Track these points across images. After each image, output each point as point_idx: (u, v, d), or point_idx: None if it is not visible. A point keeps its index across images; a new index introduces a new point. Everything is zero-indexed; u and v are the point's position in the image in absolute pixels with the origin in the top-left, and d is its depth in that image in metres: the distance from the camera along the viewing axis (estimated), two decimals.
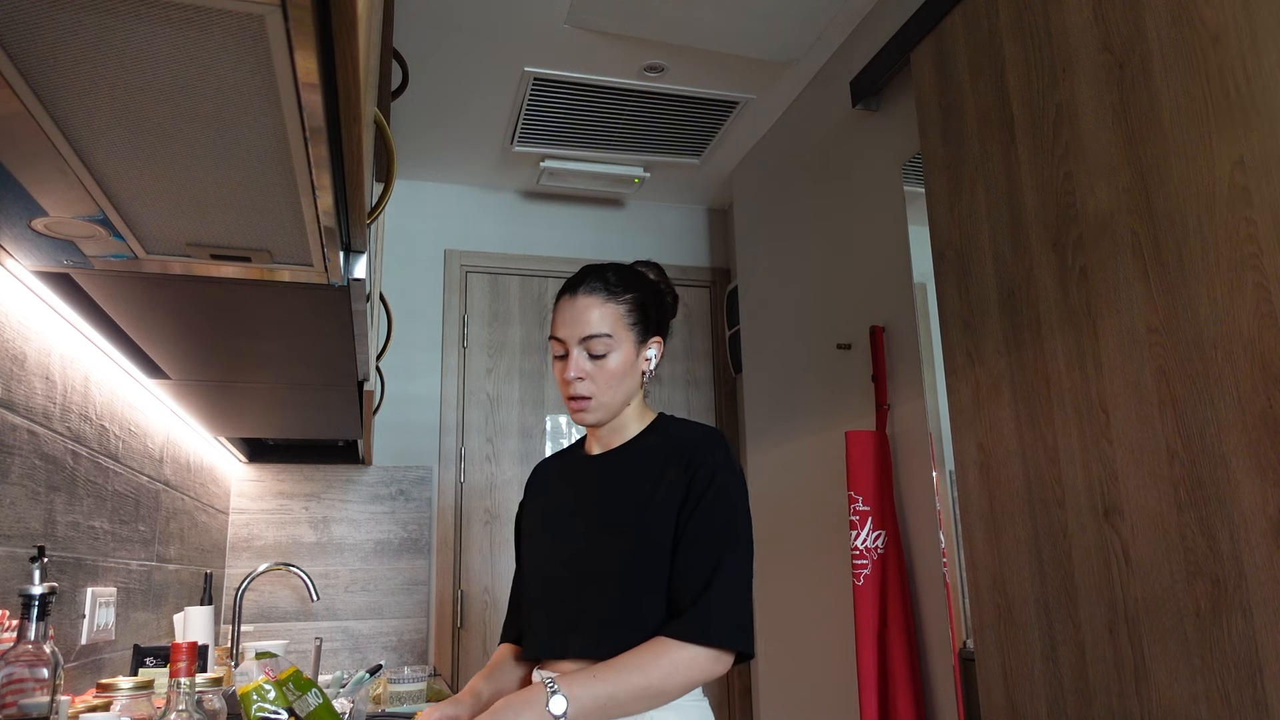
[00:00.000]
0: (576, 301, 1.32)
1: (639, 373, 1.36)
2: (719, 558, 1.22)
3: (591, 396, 1.31)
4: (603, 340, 1.30)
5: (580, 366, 1.30)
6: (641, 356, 1.36)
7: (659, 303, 1.41)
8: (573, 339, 1.31)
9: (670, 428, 1.38)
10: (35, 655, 0.97)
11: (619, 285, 1.34)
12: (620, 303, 1.33)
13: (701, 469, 1.27)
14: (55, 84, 0.73)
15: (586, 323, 1.30)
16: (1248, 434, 1.25)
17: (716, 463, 1.28)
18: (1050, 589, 1.60)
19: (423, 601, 3.21)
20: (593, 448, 1.42)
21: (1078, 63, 1.59)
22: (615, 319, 1.32)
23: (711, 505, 1.25)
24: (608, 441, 1.39)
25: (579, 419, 1.34)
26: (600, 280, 1.34)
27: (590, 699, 1.12)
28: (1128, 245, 1.47)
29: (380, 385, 2.80)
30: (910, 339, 2.19)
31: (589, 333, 1.30)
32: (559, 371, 1.34)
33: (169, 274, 1.17)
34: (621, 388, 1.33)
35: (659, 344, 1.39)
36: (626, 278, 1.36)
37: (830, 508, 2.53)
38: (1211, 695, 1.29)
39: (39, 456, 1.36)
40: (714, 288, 3.78)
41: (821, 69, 2.72)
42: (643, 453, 1.34)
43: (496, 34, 2.52)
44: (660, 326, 1.40)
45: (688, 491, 1.26)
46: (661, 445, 1.34)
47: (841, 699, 2.42)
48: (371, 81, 0.87)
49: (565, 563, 1.31)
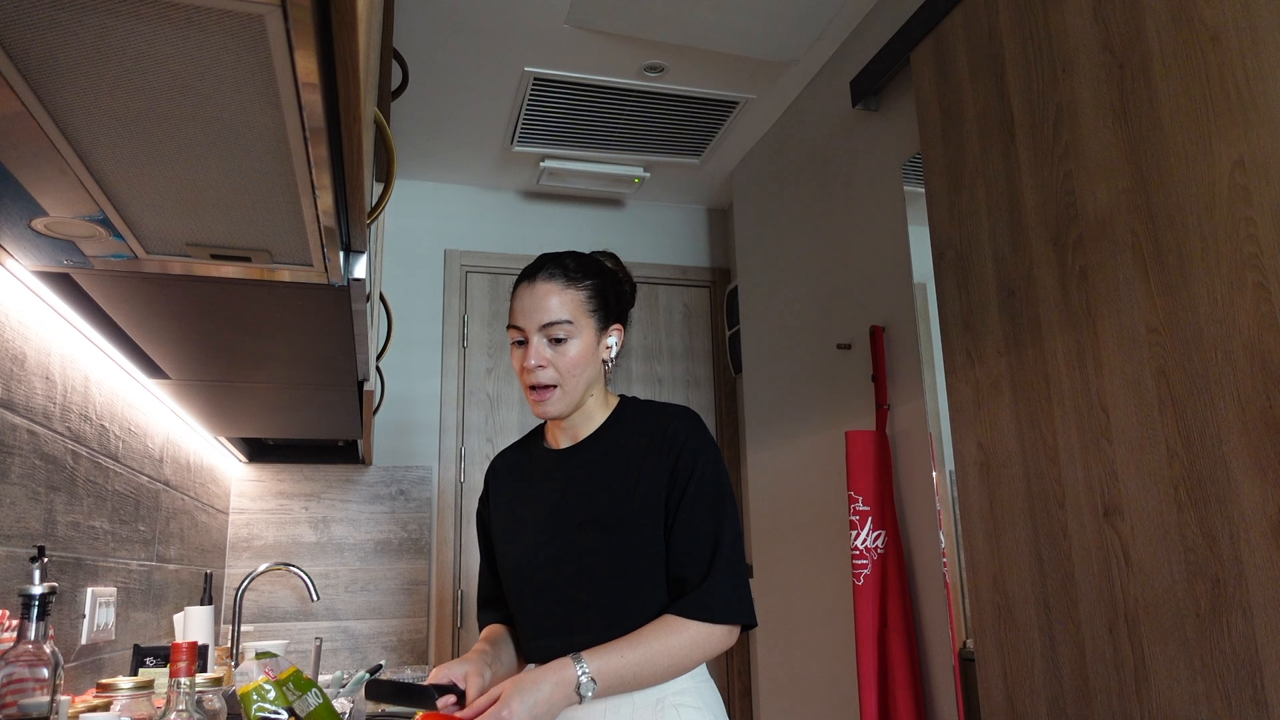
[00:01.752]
0: (536, 288, 1.29)
1: (600, 361, 1.33)
2: (716, 538, 1.24)
3: (555, 385, 1.28)
4: (563, 327, 1.27)
5: (540, 354, 1.27)
6: (602, 344, 1.33)
7: (618, 291, 1.38)
8: (532, 326, 1.28)
9: (639, 412, 1.36)
10: (35, 655, 0.97)
11: (578, 272, 1.32)
12: (580, 289, 1.30)
13: (684, 453, 1.27)
14: (55, 84, 0.73)
15: (546, 309, 1.28)
16: (1248, 434, 1.25)
17: (697, 443, 1.28)
18: (1050, 589, 1.60)
19: (423, 601, 3.21)
20: (558, 440, 1.38)
21: (1078, 63, 1.59)
22: (576, 305, 1.29)
23: (699, 486, 1.26)
24: (575, 433, 1.36)
25: (540, 411, 1.31)
26: (559, 267, 1.31)
27: (616, 677, 1.16)
28: (1128, 245, 1.47)
29: (380, 385, 2.80)
30: (910, 339, 2.19)
31: (549, 319, 1.27)
32: (517, 361, 1.30)
33: (169, 274, 1.17)
34: (583, 376, 1.30)
35: (619, 332, 1.36)
36: (586, 264, 1.34)
37: (830, 508, 2.53)
38: (1211, 695, 1.29)
39: (39, 456, 1.36)
40: (714, 288, 3.78)
41: (821, 69, 2.72)
42: (616, 442, 1.32)
43: (496, 34, 2.52)
44: (620, 314, 1.38)
45: (673, 476, 1.27)
46: (634, 432, 1.32)
47: (841, 699, 2.42)
48: (371, 81, 0.87)
49: (551, 564, 1.29)
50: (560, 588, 1.28)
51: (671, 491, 1.26)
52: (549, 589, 1.29)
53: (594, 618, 1.25)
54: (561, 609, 1.28)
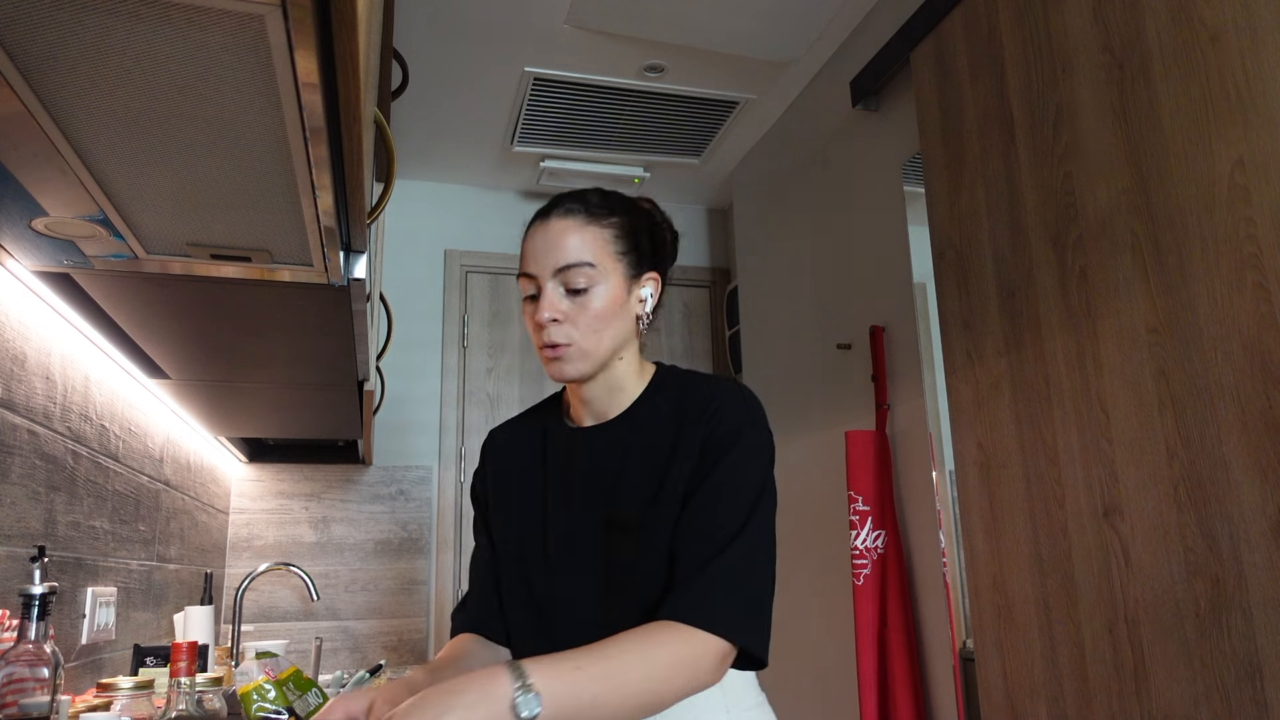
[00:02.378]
0: (550, 226, 1.05)
1: (632, 316, 1.07)
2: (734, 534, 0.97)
3: (571, 343, 1.03)
4: (583, 271, 1.02)
5: (555, 305, 1.02)
6: (634, 295, 1.07)
7: (653, 233, 1.12)
8: (546, 272, 1.03)
9: (680, 386, 1.09)
10: (36, 655, 0.97)
11: (602, 206, 1.07)
12: (605, 226, 1.05)
13: (718, 430, 1.02)
14: (56, 84, 0.73)
15: (562, 249, 1.03)
16: (1247, 434, 1.25)
17: (738, 423, 1.03)
18: (1050, 589, 1.60)
19: (423, 601, 3.21)
20: (582, 417, 1.11)
21: (1078, 63, 1.59)
22: (599, 245, 1.04)
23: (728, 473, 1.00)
24: (602, 410, 1.10)
25: (555, 371, 1.05)
26: (579, 201, 1.07)
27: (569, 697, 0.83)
28: (1127, 245, 1.47)
29: (380, 385, 2.80)
30: (910, 339, 2.19)
31: (566, 261, 1.02)
32: (529, 316, 1.06)
33: (169, 274, 1.17)
34: (608, 333, 1.04)
35: (655, 282, 1.10)
36: (612, 200, 1.09)
37: (830, 508, 2.53)
38: (1211, 695, 1.29)
39: (39, 456, 1.36)
40: (714, 288, 3.78)
41: (821, 69, 2.72)
42: (649, 425, 1.07)
43: (496, 34, 2.52)
44: (657, 262, 1.11)
45: (700, 461, 1.01)
46: (672, 413, 1.06)
47: (841, 699, 2.42)
48: (371, 81, 0.87)
49: (557, 567, 1.06)
50: (563, 597, 1.05)
51: (693, 477, 1.00)
52: (549, 596, 1.06)
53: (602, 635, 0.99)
54: (571, 622, 1.05)
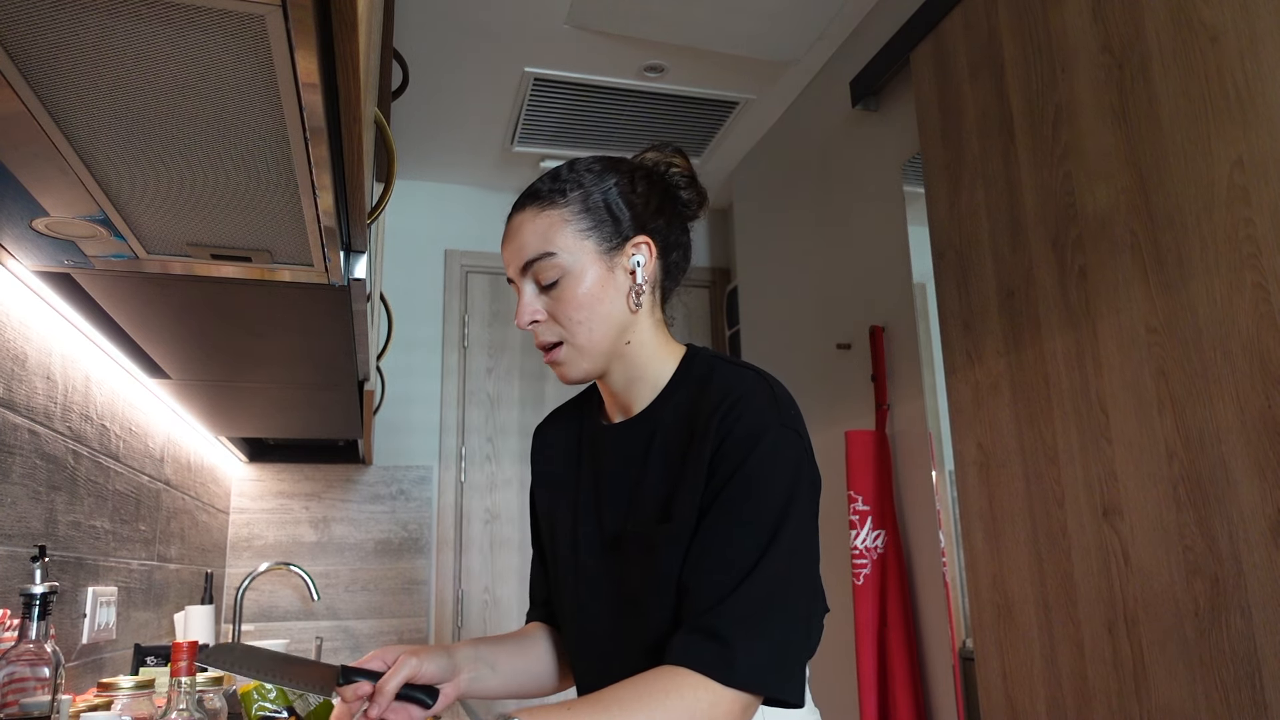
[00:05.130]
0: (510, 225, 0.98)
1: (622, 294, 0.96)
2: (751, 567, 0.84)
3: (561, 342, 0.95)
4: (546, 264, 0.94)
5: (531, 306, 0.95)
6: (619, 269, 0.96)
7: (634, 189, 0.99)
8: (515, 273, 0.97)
9: (701, 375, 0.97)
10: (36, 654, 0.97)
11: (553, 188, 0.96)
12: (560, 206, 0.95)
13: (729, 439, 0.88)
14: (56, 84, 0.73)
15: (521, 246, 0.95)
16: (1247, 434, 1.25)
17: (754, 427, 0.88)
18: (1050, 589, 1.61)
19: (423, 601, 3.21)
20: (612, 411, 1.03)
21: (1077, 63, 1.59)
22: (555, 230, 0.94)
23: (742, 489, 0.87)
24: (627, 403, 1.01)
25: (559, 377, 0.99)
26: (530, 190, 0.98)
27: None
28: (1127, 245, 1.47)
29: (380, 385, 2.80)
30: (910, 339, 2.19)
31: (525, 258, 0.95)
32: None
33: (169, 274, 1.17)
34: (596, 321, 0.94)
35: (646, 246, 0.97)
36: (567, 175, 0.98)
37: (830, 507, 2.53)
38: (1211, 695, 1.29)
39: (40, 456, 1.36)
40: (714, 288, 3.78)
41: (821, 69, 2.72)
42: (671, 421, 0.96)
43: (496, 34, 2.52)
44: (643, 222, 0.98)
45: (710, 471, 0.89)
46: (689, 411, 0.95)
47: (841, 699, 2.42)
48: (371, 81, 0.87)
49: (587, 578, 0.99)
50: (596, 609, 0.98)
51: (707, 491, 0.89)
52: (583, 608, 0.99)
53: (633, 647, 0.93)
54: (593, 635, 0.99)
